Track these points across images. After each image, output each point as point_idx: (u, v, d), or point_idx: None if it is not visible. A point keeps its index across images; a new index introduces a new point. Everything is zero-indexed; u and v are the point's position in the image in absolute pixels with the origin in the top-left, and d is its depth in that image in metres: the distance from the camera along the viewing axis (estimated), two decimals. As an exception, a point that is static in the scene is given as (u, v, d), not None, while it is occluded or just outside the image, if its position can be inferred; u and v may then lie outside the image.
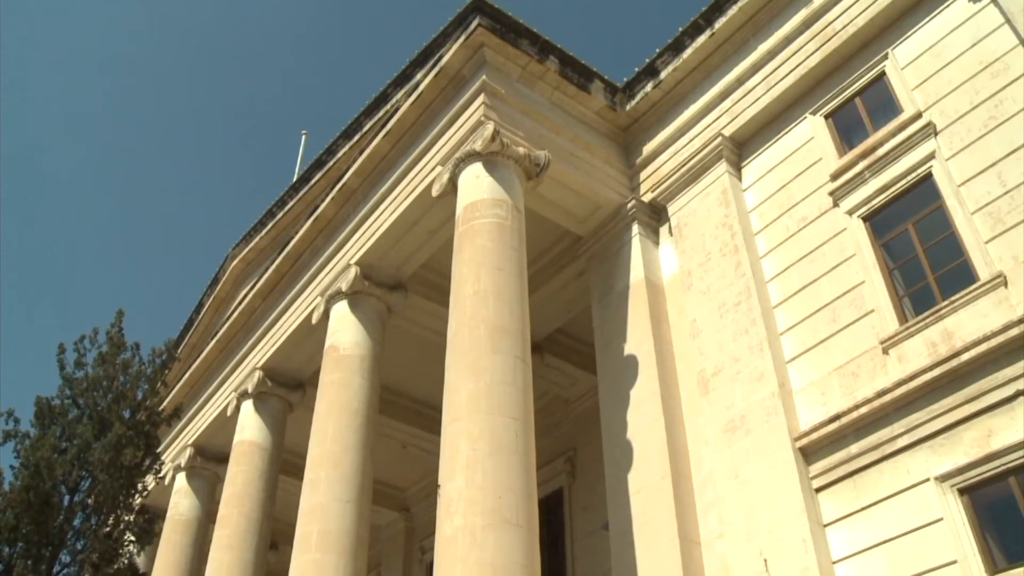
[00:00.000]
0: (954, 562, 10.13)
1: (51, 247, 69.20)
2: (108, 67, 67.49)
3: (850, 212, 13.54)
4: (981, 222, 11.69)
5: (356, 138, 19.53)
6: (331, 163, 20.46)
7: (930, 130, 12.88)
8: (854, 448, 11.74)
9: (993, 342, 10.56)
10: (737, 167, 15.88)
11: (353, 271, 17.93)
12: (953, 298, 11.52)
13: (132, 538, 11.87)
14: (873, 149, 13.57)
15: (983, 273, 11.38)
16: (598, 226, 17.08)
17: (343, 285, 18.00)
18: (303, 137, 30.16)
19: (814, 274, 13.59)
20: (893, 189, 13.12)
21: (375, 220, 17.81)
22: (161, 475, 15.42)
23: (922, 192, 12.82)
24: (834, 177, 13.99)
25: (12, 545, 10.73)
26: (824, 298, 13.25)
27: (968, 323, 11.20)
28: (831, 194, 13.90)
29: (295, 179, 22.77)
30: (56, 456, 11.08)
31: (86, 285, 70.73)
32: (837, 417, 11.96)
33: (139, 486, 12.14)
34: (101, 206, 70.60)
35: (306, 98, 72.95)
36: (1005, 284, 11.04)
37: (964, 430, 10.68)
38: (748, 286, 14.01)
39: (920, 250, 12.55)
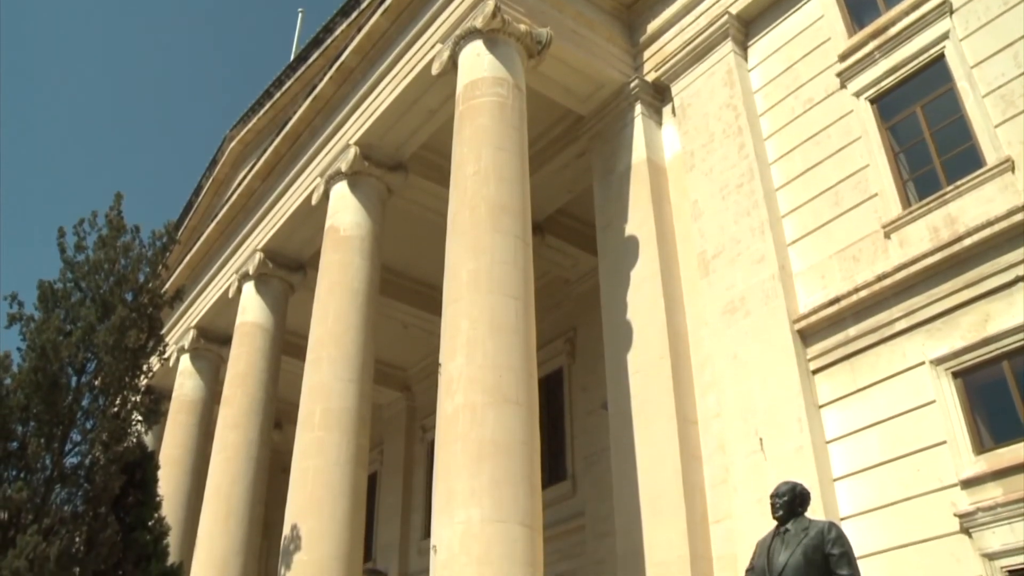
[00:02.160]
0: (943, 442, 10.39)
1: (48, 130, 68.31)
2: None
3: (857, 94, 13.26)
4: (992, 105, 11.46)
5: (354, 15, 18.97)
6: (329, 41, 19.96)
7: (946, 8, 12.45)
8: (852, 331, 11.86)
9: (996, 227, 10.54)
10: (743, 46, 15.47)
11: (352, 151, 17.73)
12: (958, 183, 11.41)
13: (139, 418, 12.10)
14: (884, 29, 13.18)
15: (990, 158, 11.23)
16: (600, 105, 16.78)
17: (343, 165, 17.83)
18: (299, 15, 29.42)
19: (818, 157, 13.42)
20: (903, 70, 12.80)
21: (374, 99, 17.51)
22: (165, 356, 15.57)
23: (933, 74, 12.51)
24: (842, 58, 13.63)
25: (24, 424, 10.97)
26: (827, 181, 13.12)
27: (972, 208, 11.13)
28: (839, 75, 13.58)
29: (292, 58, 22.29)
30: (61, 339, 11.18)
31: (83, 168, 70.09)
32: (836, 300, 12.05)
33: (144, 367, 12.28)
34: (97, 88, 69.33)
35: (300, -29, 70.54)
36: (1012, 169, 10.91)
37: (962, 315, 10.77)
38: (751, 168, 13.87)
39: (927, 133, 12.35)
